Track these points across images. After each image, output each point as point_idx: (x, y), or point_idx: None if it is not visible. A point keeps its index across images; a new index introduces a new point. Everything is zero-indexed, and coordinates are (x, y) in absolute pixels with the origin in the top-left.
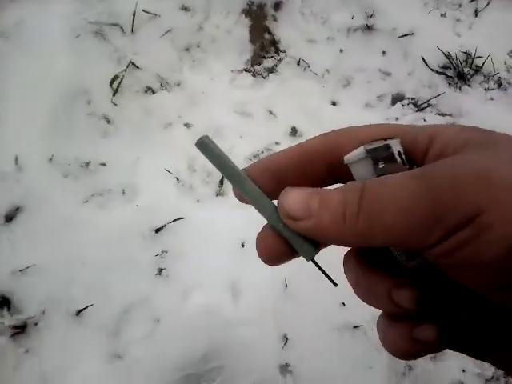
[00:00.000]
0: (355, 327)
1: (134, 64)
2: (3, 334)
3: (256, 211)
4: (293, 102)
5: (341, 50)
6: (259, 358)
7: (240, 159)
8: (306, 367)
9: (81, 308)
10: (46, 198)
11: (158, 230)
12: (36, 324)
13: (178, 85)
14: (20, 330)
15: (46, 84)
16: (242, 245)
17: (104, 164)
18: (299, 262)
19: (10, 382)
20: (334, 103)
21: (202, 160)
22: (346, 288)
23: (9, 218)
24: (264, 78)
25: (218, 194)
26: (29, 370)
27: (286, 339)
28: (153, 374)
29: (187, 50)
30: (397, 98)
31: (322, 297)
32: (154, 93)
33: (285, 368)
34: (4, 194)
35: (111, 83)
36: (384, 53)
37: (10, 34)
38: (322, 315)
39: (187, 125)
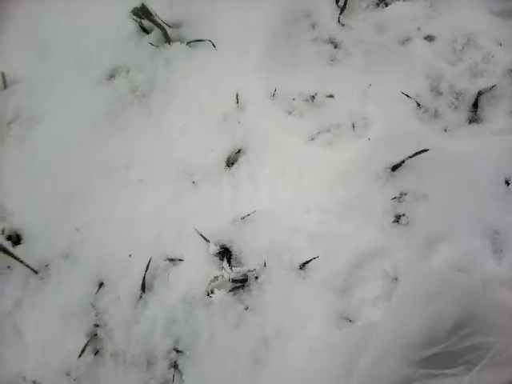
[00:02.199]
0: None
1: None
2: (223, 289)
3: None
4: None
5: None
6: None
7: (499, 72)
8: None
9: (305, 260)
10: (268, 139)
11: (395, 168)
12: (256, 278)
13: None
14: (240, 284)
15: (263, 9)
16: (507, 182)
17: (331, 96)
18: None
19: (228, 341)
20: None
21: (450, 78)
22: None
23: (230, 162)
24: None
25: (471, 121)
26: (248, 330)
27: None
28: (391, 347)
29: None
30: None
31: None
32: (387, 5)
33: None
34: (225, 137)
35: (337, 0)
36: None
37: None
38: None
39: (429, 37)
